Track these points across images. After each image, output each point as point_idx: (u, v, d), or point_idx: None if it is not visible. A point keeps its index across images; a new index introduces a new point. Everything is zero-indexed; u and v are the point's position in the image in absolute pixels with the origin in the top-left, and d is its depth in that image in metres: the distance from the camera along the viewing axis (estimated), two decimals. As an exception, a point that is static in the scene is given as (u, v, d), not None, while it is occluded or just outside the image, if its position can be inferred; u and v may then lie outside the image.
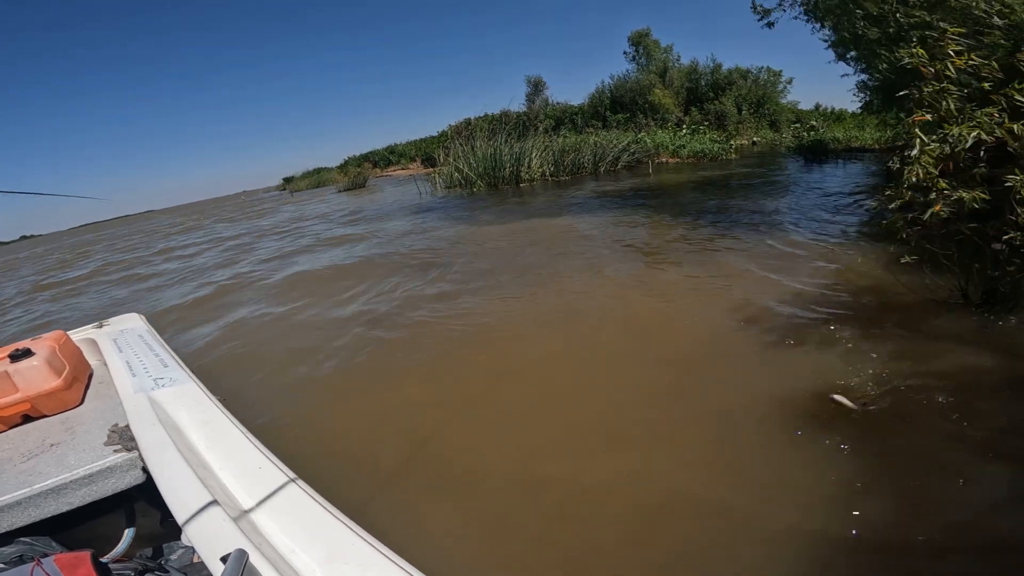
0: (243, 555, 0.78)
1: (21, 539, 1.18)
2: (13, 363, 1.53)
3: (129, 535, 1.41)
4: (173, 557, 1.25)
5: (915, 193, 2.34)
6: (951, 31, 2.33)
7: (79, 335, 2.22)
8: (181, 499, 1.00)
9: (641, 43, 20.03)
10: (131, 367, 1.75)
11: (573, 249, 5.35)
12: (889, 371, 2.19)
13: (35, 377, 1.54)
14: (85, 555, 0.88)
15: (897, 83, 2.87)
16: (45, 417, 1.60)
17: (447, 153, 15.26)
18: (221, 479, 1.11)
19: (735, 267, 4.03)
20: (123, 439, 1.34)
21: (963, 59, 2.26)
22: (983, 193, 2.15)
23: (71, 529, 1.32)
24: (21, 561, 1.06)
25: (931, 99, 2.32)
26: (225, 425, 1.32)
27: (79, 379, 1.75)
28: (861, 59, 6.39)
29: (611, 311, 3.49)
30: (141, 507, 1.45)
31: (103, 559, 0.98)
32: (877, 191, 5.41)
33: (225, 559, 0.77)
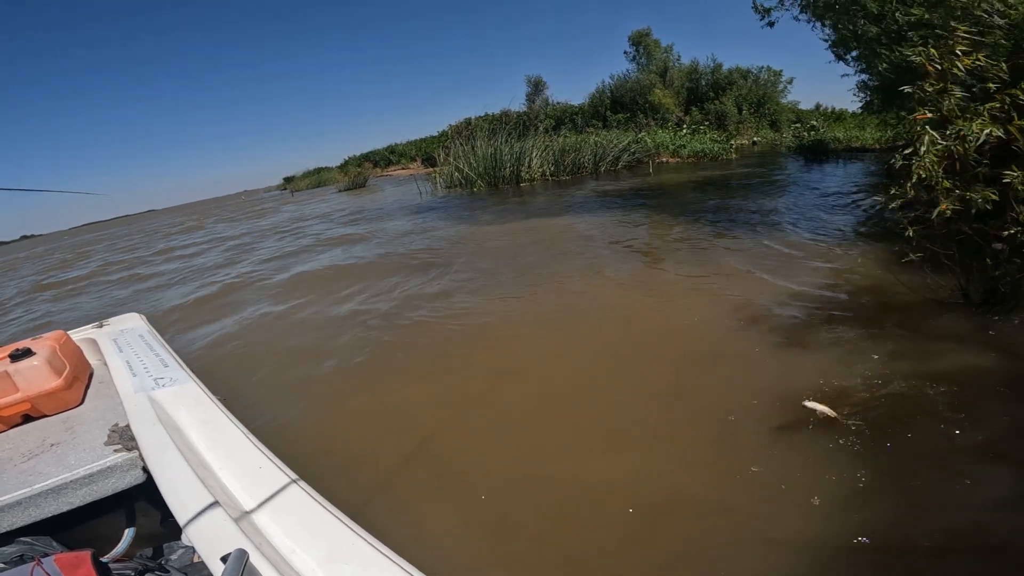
0: (243, 555, 0.78)
1: (21, 539, 1.18)
2: (13, 363, 1.53)
3: (129, 535, 1.41)
4: (173, 557, 1.26)
5: (919, 191, 2.33)
6: (961, 29, 2.31)
7: (79, 335, 2.23)
8: (181, 499, 1.00)
9: (641, 43, 20.00)
10: (131, 367, 1.75)
11: (573, 249, 5.35)
12: (889, 371, 2.19)
13: (35, 377, 1.54)
14: (85, 555, 0.88)
15: (897, 83, 2.86)
16: (45, 417, 1.60)
17: (447, 153, 15.27)
18: (221, 479, 1.11)
19: (735, 267, 4.03)
20: (123, 439, 1.34)
21: (971, 59, 2.26)
22: (992, 193, 2.14)
23: (71, 529, 1.32)
24: (22, 561, 1.06)
25: (933, 97, 2.31)
26: (225, 425, 1.32)
27: (79, 379, 1.75)
28: (861, 58, 6.38)
29: (611, 311, 3.49)
30: (141, 507, 1.45)
31: (103, 559, 0.98)
32: (878, 190, 5.41)
33: (225, 559, 0.77)
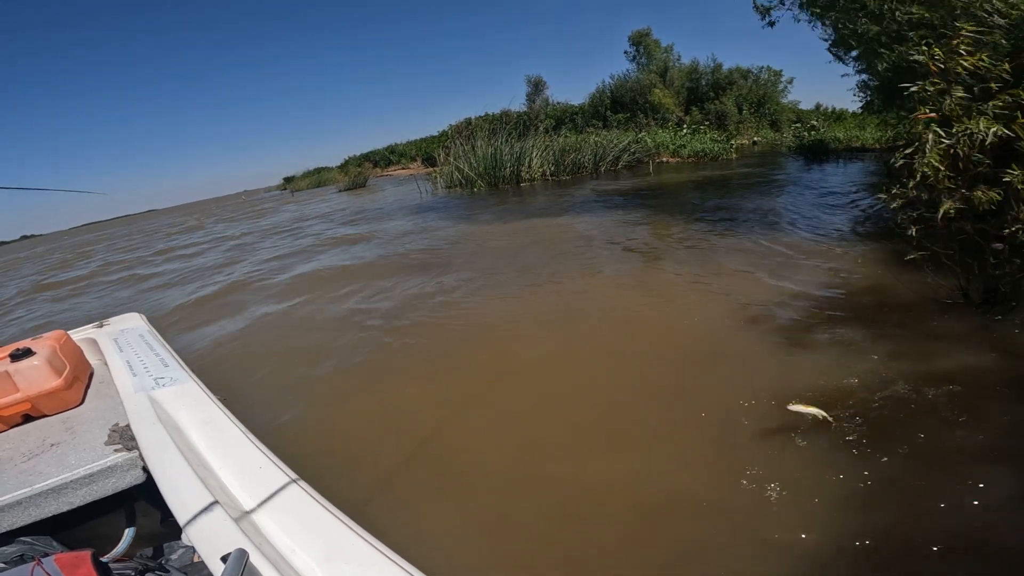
0: (243, 555, 0.78)
1: (22, 539, 1.18)
2: (14, 363, 1.53)
3: (129, 535, 1.41)
4: (173, 557, 1.26)
5: (921, 190, 2.33)
6: (966, 28, 2.30)
7: (80, 335, 2.23)
8: (181, 499, 1.00)
9: (641, 43, 19.98)
10: (132, 367, 1.75)
11: (573, 249, 5.35)
12: (889, 371, 2.19)
13: (36, 377, 1.54)
14: (86, 555, 0.88)
15: (897, 82, 2.86)
16: (46, 417, 1.60)
17: (447, 153, 15.26)
18: (221, 478, 1.11)
19: (735, 267, 4.02)
20: (123, 439, 1.34)
21: (974, 58, 2.25)
22: (996, 193, 2.14)
23: (72, 529, 1.32)
24: (22, 561, 1.06)
25: (934, 97, 2.31)
26: (225, 424, 1.32)
27: (80, 379, 1.75)
28: (862, 58, 6.37)
29: (611, 311, 3.49)
30: (141, 507, 1.45)
31: (103, 559, 0.98)
32: (878, 189, 5.40)
33: (225, 559, 0.77)
